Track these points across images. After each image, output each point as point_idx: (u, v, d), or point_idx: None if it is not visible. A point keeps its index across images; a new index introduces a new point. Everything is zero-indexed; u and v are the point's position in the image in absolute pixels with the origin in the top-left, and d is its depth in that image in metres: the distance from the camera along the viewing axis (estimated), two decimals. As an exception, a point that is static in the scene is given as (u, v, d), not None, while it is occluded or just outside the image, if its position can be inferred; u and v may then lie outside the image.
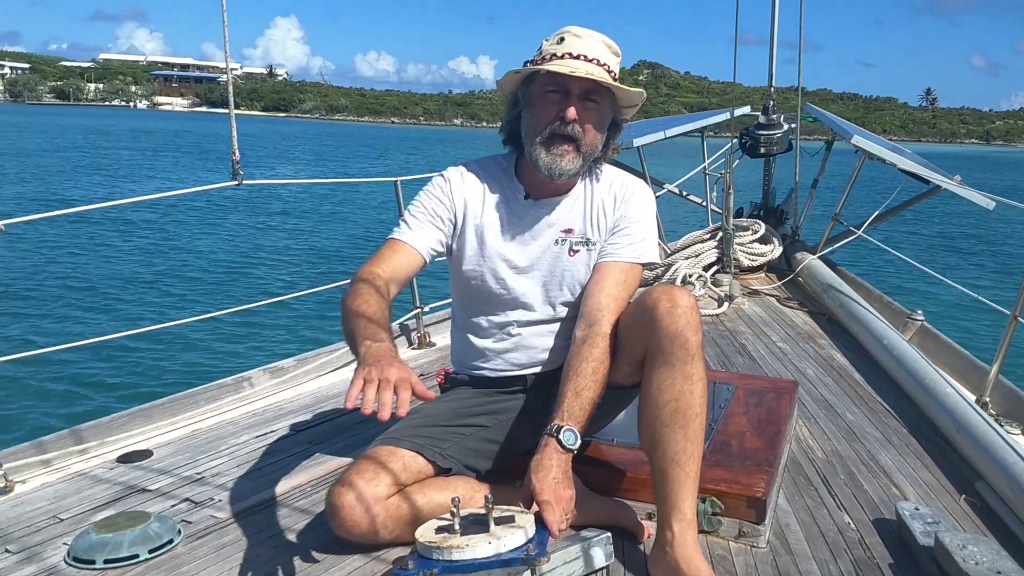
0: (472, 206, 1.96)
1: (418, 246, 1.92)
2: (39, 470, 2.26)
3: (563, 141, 1.83)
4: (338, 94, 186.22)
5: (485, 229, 1.96)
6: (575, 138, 1.83)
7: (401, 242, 1.91)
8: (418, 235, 1.92)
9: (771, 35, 5.72)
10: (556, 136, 1.83)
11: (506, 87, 1.93)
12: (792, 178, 5.86)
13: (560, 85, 1.81)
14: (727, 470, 1.97)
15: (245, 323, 8.90)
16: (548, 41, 1.86)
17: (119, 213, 16.46)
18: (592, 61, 1.81)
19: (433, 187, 1.98)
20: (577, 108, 1.82)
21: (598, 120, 1.87)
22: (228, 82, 2.73)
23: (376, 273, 1.81)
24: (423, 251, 1.92)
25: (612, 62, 1.86)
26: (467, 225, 1.96)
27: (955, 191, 4.60)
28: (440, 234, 1.95)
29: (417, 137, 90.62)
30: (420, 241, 1.92)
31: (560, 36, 1.85)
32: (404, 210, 2.00)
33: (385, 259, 1.88)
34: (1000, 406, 2.93)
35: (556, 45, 1.83)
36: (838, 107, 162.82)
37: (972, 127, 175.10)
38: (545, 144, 1.84)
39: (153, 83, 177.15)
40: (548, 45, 1.85)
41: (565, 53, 1.81)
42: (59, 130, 57.04)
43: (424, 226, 1.94)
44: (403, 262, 1.89)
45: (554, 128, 1.82)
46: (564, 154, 1.84)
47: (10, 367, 6.65)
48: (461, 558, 1.40)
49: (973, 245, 17.90)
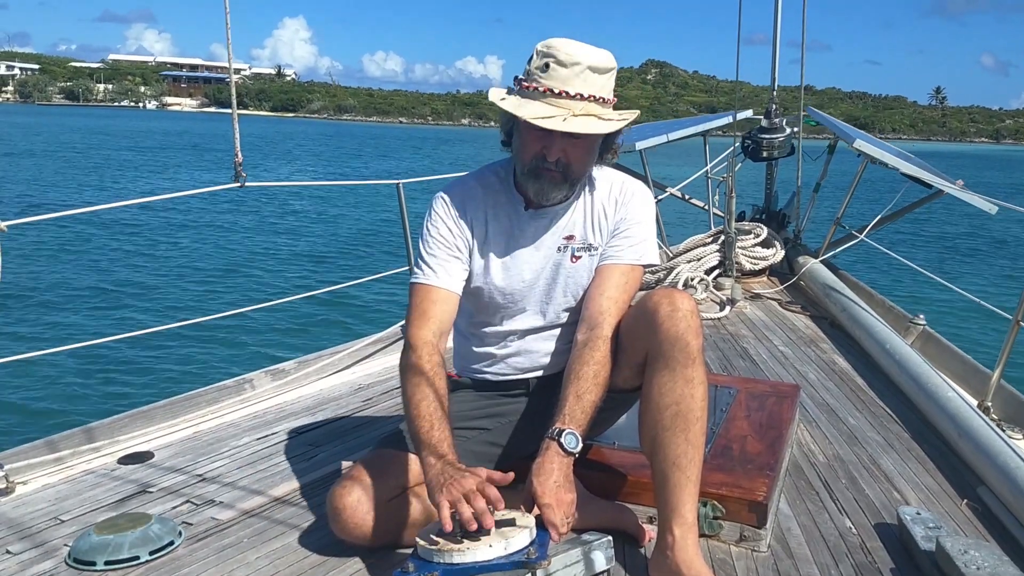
0: (476, 223, 1.94)
1: (452, 287, 1.88)
2: (40, 471, 2.26)
3: (549, 171, 1.81)
4: (346, 94, 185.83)
5: (488, 243, 1.94)
6: (561, 171, 1.81)
7: (434, 288, 1.86)
8: (446, 276, 1.88)
9: (773, 38, 5.73)
10: (541, 168, 1.80)
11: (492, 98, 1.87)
12: (794, 182, 5.86)
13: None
14: (728, 474, 1.97)
15: (246, 325, 8.90)
16: (536, 59, 1.77)
17: (121, 214, 16.48)
18: (575, 97, 1.73)
19: (439, 216, 1.93)
20: (561, 147, 1.77)
21: (585, 151, 1.82)
22: (231, 83, 2.74)
23: (427, 340, 1.79)
24: (457, 290, 1.89)
25: (603, 87, 1.77)
26: (473, 241, 1.95)
27: (957, 195, 4.60)
28: (462, 263, 1.92)
29: (426, 137, 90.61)
30: (451, 282, 1.88)
31: (546, 61, 1.74)
32: (421, 249, 1.92)
33: (428, 315, 1.83)
34: (1002, 411, 2.93)
35: (541, 75, 1.74)
36: (847, 106, 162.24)
37: (982, 126, 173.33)
38: (531, 175, 1.82)
39: (162, 84, 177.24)
40: (534, 69, 1.76)
41: (548, 89, 1.73)
42: (66, 131, 57.08)
43: (448, 262, 1.89)
44: (445, 311, 1.85)
45: (538, 163, 1.80)
46: (551, 181, 1.82)
47: (12, 368, 6.66)
48: (462, 561, 1.40)
49: (975, 249, 17.87)
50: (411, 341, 1.81)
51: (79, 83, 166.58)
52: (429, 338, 1.80)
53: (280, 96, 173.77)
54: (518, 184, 1.94)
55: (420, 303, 1.86)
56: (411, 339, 1.81)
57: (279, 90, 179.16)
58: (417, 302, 1.87)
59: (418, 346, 1.78)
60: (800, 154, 5.72)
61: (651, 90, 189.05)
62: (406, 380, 1.75)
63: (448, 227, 1.92)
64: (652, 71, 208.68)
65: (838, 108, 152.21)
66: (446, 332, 1.87)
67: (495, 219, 1.95)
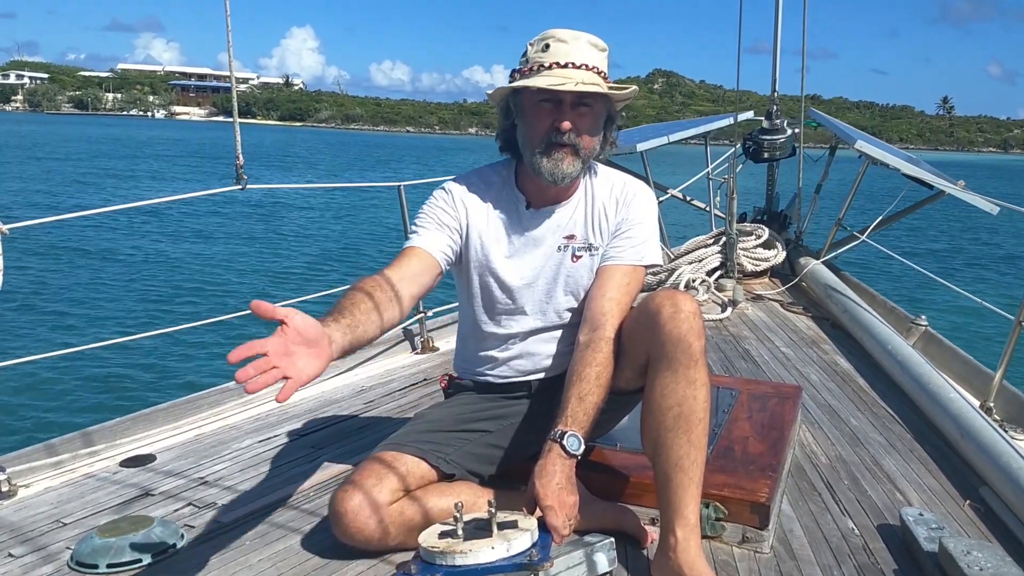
0: (475, 217, 1.96)
1: (430, 249, 1.89)
2: (43, 474, 2.26)
3: (561, 147, 1.83)
4: (354, 104, 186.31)
5: (488, 240, 1.95)
6: (573, 145, 1.83)
7: (413, 247, 1.89)
8: (428, 239, 1.90)
9: (774, 41, 5.74)
10: (554, 144, 1.83)
11: (497, 98, 1.92)
12: (795, 183, 5.86)
13: (552, 95, 1.80)
14: (731, 475, 1.97)
15: (248, 328, 8.90)
16: (533, 48, 1.84)
17: (123, 218, 16.50)
18: (581, 67, 1.79)
19: (436, 199, 1.97)
20: (571, 117, 1.81)
21: (593, 123, 1.86)
22: (232, 87, 2.74)
23: (382, 275, 1.78)
24: (436, 254, 1.89)
25: (600, 62, 1.84)
26: (471, 236, 1.96)
27: (958, 196, 4.59)
28: (450, 240, 1.93)
29: (435, 146, 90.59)
30: (431, 245, 1.90)
31: (545, 42, 1.82)
32: (414, 221, 1.97)
33: (397, 264, 1.85)
34: (1004, 411, 2.93)
35: (542, 53, 1.81)
36: (854, 116, 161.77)
37: (989, 135, 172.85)
38: (545, 152, 1.84)
39: (171, 93, 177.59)
40: (533, 53, 1.83)
41: (553, 63, 1.79)
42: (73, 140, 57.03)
43: (433, 232, 1.92)
44: (416, 266, 1.86)
45: (551, 137, 1.82)
46: (564, 158, 1.83)
47: (14, 371, 6.66)
48: (464, 563, 1.40)
49: (977, 250, 17.87)
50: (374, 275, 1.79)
51: (88, 92, 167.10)
52: (387, 274, 1.78)
53: (288, 105, 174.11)
54: (520, 183, 1.96)
55: (398, 258, 1.86)
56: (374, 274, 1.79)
57: (287, 99, 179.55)
58: (396, 258, 1.87)
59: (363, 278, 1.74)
60: (801, 155, 5.73)
61: (658, 100, 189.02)
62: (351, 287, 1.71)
63: (443, 208, 1.95)
64: (659, 80, 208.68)
65: (846, 118, 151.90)
66: (410, 282, 1.81)
67: (496, 216, 1.96)
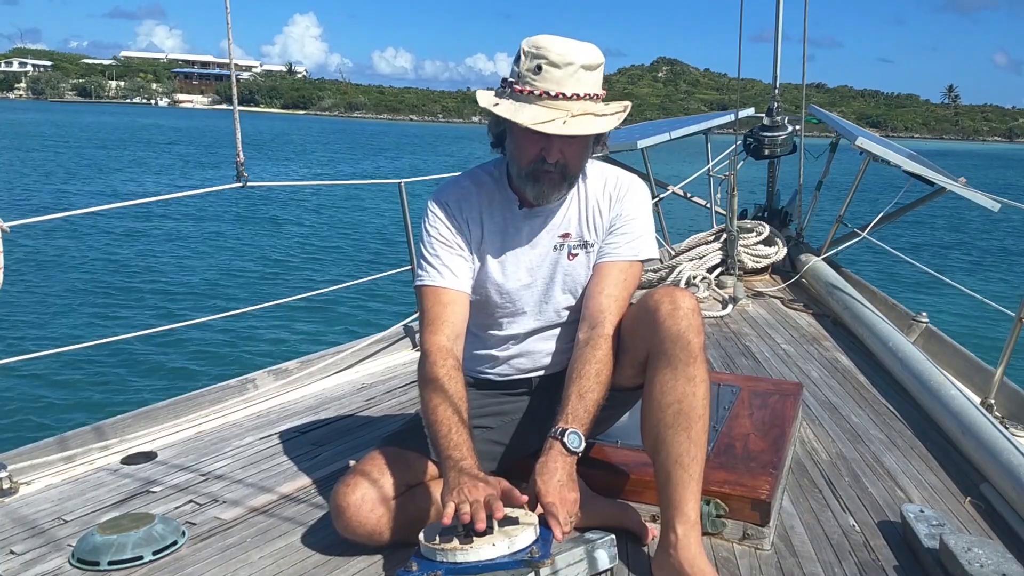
0: (472, 222, 1.93)
1: (459, 287, 1.86)
2: (44, 471, 2.27)
3: (548, 174, 1.79)
4: (357, 92, 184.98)
5: (484, 243, 1.93)
6: (560, 172, 1.80)
7: (442, 290, 1.84)
8: (452, 275, 1.86)
9: (775, 35, 5.73)
10: (540, 171, 1.79)
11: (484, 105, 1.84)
12: (796, 180, 5.86)
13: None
14: (731, 472, 1.97)
15: (249, 325, 8.92)
16: (525, 61, 1.73)
17: (125, 214, 16.50)
18: (572, 98, 1.71)
19: (436, 216, 1.92)
20: (559, 148, 1.76)
21: (581, 148, 1.81)
22: (232, 82, 2.73)
23: (441, 346, 1.77)
24: (465, 289, 1.87)
25: (594, 84, 1.75)
26: (472, 242, 1.94)
27: (959, 192, 4.59)
28: (466, 261, 1.90)
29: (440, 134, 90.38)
30: (458, 281, 1.86)
31: (536, 63, 1.71)
32: (422, 251, 1.90)
33: (440, 319, 1.81)
34: (1005, 408, 2.92)
35: (533, 77, 1.71)
36: (859, 104, 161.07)
37: (995, 124, 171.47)
38: (531, 176, 1.80)
39: (174, 80, 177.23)
40: (525, 72, 1.73)
41: (543, 92, 1.70)
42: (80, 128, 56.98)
43: (452, 261, 1.87)
44: (457, 312, 1.83)
45: (538, 165, 1.78)
46: (550, 183, 1.81)
47: (14, 369, 6.67)
48: (465, 560, 1.40)
49: (978, 247, 17.85)
50: (426, 348, 1.78)
51: (91, 80, 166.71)
52: (443, 343, 1.78)
53: (291, 93, 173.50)
54: (512, 183, 1.92)
55: (431, 307, 1.84)
56: (425, 346, 1.79)
57: (290, 87, 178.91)
58: (428, 306, 1.84)
59: (432, 352, 1.76)
60: (802, 152, 5.72)
61: (662, 88, 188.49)
62: (423, 389, 1.73)
63: (447, 225, 1.90)
64: (663, 69, 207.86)
65: (850, 106, 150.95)
66: (461, 334, 1.83)
67: (490, 218, 1.93)
